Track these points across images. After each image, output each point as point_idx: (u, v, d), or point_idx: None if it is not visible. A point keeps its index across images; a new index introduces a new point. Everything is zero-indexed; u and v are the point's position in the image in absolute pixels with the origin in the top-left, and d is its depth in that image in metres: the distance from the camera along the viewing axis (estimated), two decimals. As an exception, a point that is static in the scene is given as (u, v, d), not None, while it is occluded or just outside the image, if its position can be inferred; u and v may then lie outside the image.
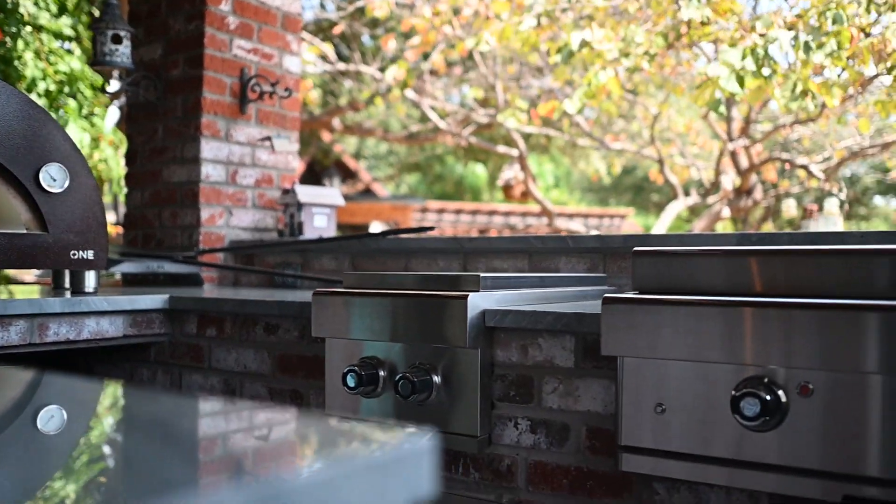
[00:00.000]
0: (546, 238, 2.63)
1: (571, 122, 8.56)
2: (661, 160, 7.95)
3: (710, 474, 1.47)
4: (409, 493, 0.51)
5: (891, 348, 1.28)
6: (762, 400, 1.37)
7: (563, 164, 19.73)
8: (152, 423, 0.63)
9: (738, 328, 1.42)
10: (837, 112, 6.49)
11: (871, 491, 1.33)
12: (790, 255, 1.50)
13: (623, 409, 1.55)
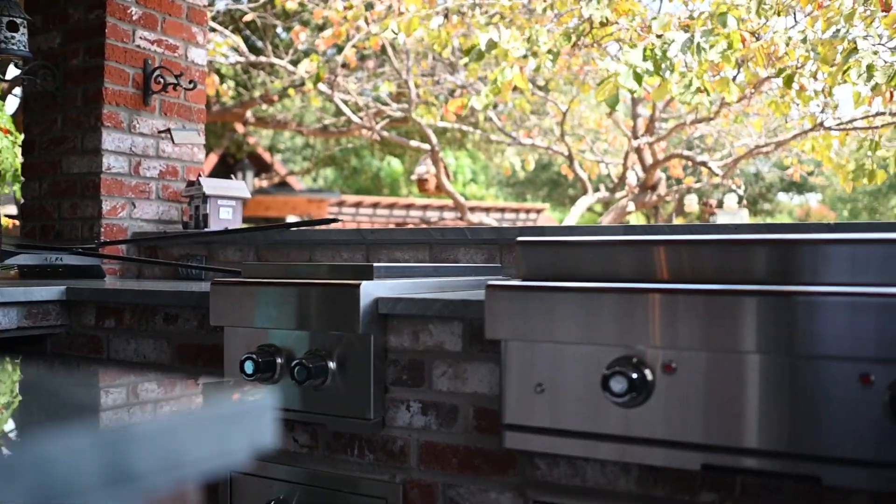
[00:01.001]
0: (445, 230, 2.73)
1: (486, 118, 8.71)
2: (571, 156, 8.17)
3: (586, 449, 1.58)
4: (251, 441, 0.58)
5: (750, 329, 1.41)
6: (629, 378, 1.48)
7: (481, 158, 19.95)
8: (23, 385, 0.68)
9: (610, 312, 1.53)
10: (736, 111, 6.81)
11: (727, 459, 1.46)
12: (664, 245, 1.62)
13: (506, 389, 1.65)
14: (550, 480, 1.67)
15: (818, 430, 1.36)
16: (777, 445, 1.40)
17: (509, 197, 25.65)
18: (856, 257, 1.41)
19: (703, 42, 3.66)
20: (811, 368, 1.37)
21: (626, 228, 2.38)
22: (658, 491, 1.56)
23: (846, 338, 1.33)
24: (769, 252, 1.50)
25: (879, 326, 1.30)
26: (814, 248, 1.46)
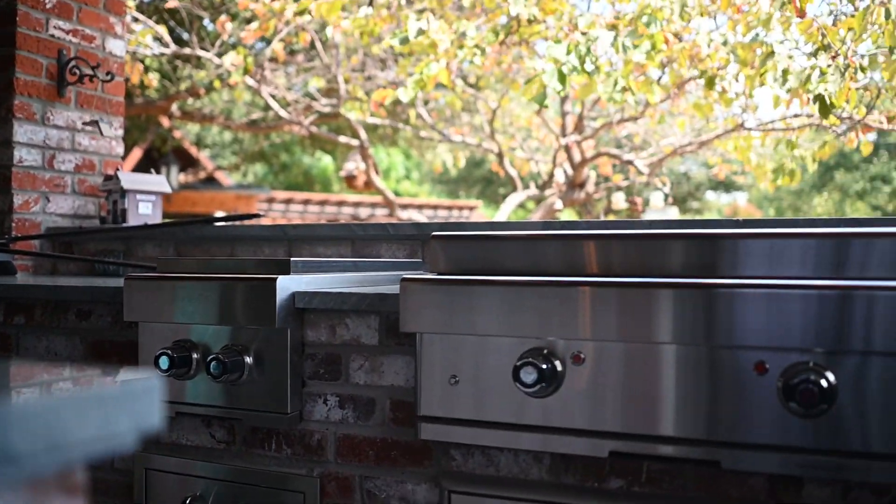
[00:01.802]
0: (367, 226, 2.75)
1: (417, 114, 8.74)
2: (501, 153, 8.27)
3: (499, 438, 1.63)
4: (136, 423, 0.59)
5: (652, 320, 1.47)
6: (539, 369, 1.53)
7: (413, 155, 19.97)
8: None
9: (522, 305, 1.57)
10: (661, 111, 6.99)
11: (633, 446, 1.52)
12: (574, 239, 1.68)
13: (422, 382, 1.68)
14: (465, 471, 1.71)
15: (717, 417, 1.43)
16: (679, 432, 1.46)
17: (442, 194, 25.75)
18: (752, 251, 1.49)
19: (628, 42, 3.76)
20: (710, 358, 1.44)
21: (533, 224, 2.44)
22: (569, 478, 1.62)
23: (742, 328, 1.40)
24: (667, 246, 1.56)
25: (772, 317, 1.38)
26: (711, 244, 1.53)
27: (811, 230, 1.58)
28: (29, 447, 0.51)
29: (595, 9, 6.94)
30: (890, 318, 1.31)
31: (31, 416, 0.52)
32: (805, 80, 3.84)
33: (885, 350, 1.33)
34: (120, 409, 0.58)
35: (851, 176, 21.14)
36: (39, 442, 0.52)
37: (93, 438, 0.56)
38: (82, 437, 0.56)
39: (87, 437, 0.56)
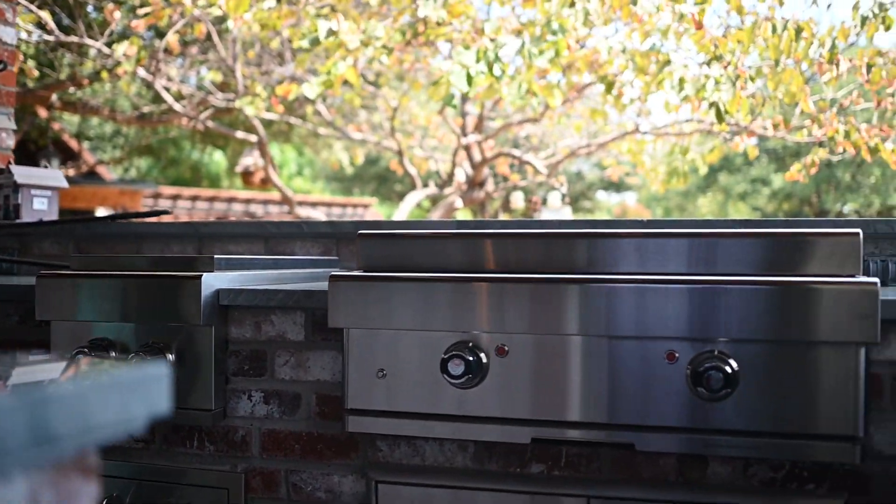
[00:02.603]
0: (281, 223, 2.78)
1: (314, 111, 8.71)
2: (401, 151, 8.35)
3: (426, 429, 1.71)
4: (148, 408, 0.65)
5: (570, 313, 1.59)
6: (466, 361, 1.63)
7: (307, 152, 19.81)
8: None
9: (447, 300, 1.67)
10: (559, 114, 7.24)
11: (553, 432, 1.64)
12: (494, 238, 1.78)
13: (349, 376, 1.75)
14: (392, 461, 1.79)
15: (631, 403, 1.57)
16: (596, 417, 1.59)
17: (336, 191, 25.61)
18: (662, 249, 1.63)
19: (534, 48, 3.92)
20: (624, 348, 1.57)
21: (458, 223, 2.55)
22: (492, 465, 1.72)
23: (654, 320, 1.54)
24: (582, 244, 1.69)
25: (681, 310, 1.52)
26: (627, 242, 1.67)
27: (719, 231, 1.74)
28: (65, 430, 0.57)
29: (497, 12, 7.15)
30: (784, 310, 1.47)
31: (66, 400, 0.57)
32: (700, 89, 4.09)
33: (781, 339, 1.49)
34: (135, 395, 0.64)
35: (734, 178, 22.30)
36: (73, 425, 0.58)
37: (114, 422, 0.62)
38: (105, 420, 0.61)
39: (109, 421, 0.62)
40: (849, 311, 1.46)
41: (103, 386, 0.62)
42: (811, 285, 1.49)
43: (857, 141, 5.33)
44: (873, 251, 2.25)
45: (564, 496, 1.65)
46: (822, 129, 5.42)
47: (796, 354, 1.50)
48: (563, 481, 1.67)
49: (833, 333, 1.47)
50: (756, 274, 1.56)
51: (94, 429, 0.60)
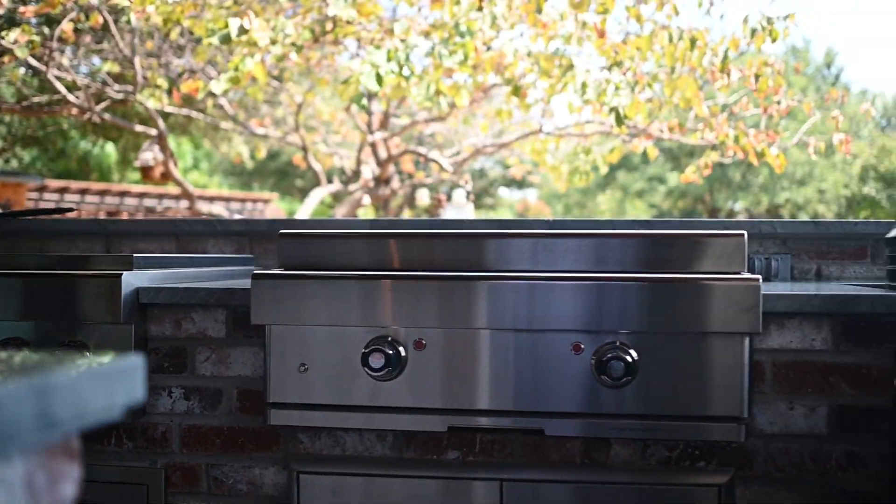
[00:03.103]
0: (193, 221, 2.82)
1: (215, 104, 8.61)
2: (305, 147, 8.36)
3: (346, 420, 1.81)
4: (127, 396, 0.73)
5: (488, 309, 1.71)
6: (386, 354, 1.73)
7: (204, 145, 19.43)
8: None
9: (367, 297, 1.76)
10: (465, 113, 7.41)
11: (469, 420, 1.76)
12: (412, 238, 1.89)
13: (271, 371, 1.83)
14: (313, 452, 1.88)
15: (540, 391, 1.70)
16: (508, 405, 1.72)
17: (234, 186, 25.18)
18: (567, 248, 1.77)
19: (444, 50, 4.05)
20: (533, 340, 1.71)
21: (371, 222, 2.64)
22: (410, 453, 1.83)
23: (560, 315, 1.68)
24: (493, 244, 1.82)
25: (585, 305, 1.67)
26: (534, 242, 1.81)
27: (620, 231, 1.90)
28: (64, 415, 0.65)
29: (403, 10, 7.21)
30: (677, 304, 1.64)
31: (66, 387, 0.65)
32: (602, 93, 4.31)
33: (675, 330, 1.65)
34: (118, 384, 0.72)
35: (632, 176, 23.11)
36: (71, 410, 0.66)
37: (101, 409, 0.70)
38: (95, 407, 0.69)
39: (98, 407, 0.70)
40: (735, 304, 1.63)
41: (94, 375, 0.70)
42: (701, 282, 1.66)
43: (746, 145, 5.70)
44: (758, 249, 2.47)
45: (478, 480, 1.78)
46: (714, 133, 5.77)
47: (689, 344, 1.67)
48: (477, 466, 1.80)
49: (721, 325, 1.65)
50: (653, 272, 1.72)
51: (87, 415, 0.68)
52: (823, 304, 1.70)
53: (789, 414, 1.73)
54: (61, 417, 0.65)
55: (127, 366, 0.74)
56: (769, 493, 1.73)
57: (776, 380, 1.74)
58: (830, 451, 1.73)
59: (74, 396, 0.66)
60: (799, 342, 1.73)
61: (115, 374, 0.73)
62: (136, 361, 0.75)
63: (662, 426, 1.67)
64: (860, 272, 2.47)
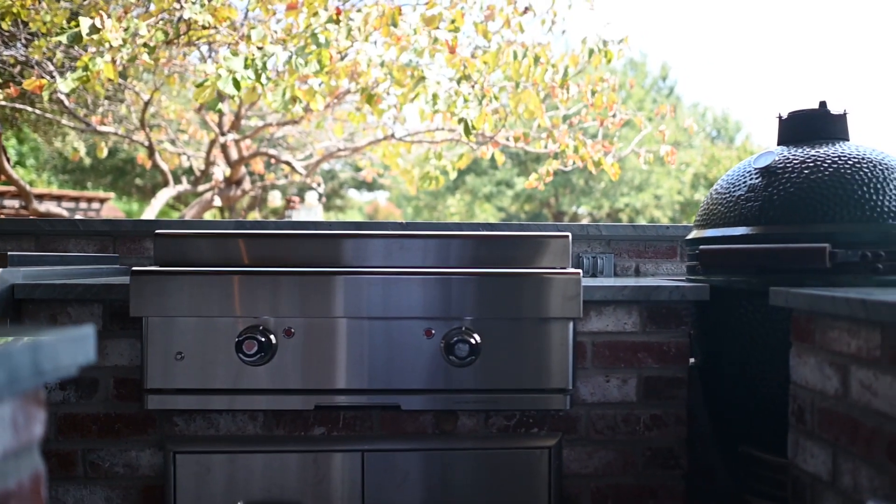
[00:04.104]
0: (55, 221, 2.91)
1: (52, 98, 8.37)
2: (152, 146, 8.28)
3: (220, 402, 2.02)
4: (84, 357, 0.95)
5: (347, 300, 1.97)
6: (259, 342, 1.96)
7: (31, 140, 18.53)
8: None
9: (240, 291, 1.98)
10: (318, 117, 7.61)
11: (333, 399, 2.01)
12: (279, 237, 2.13)
13: (148, 359, 2.01)
14: (188, 434, 2.08)
15: (397, 371, 1.98)
16: (369, 385, 1.99)
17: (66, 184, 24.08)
18: (420, 247, 2.06)
19: (300, 59, 4.25)
20: (390, 327, 1.98)
21: (237, 223, 2.84)
22: (280, 430, 2.07)
23: (414, 304, 1.96)
24: (356, 243, 2.09)
25: (435, 295, 1.96)
26: (389, 241, 2.09)
27: (466, 233, 2.21)
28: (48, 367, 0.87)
29: (256, 13, 7.21)
30: (513, 294, 1.96)
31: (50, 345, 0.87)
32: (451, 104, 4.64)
33: (511, 316, 1.97)
34: (79, 347, 0.94)
35: (481, 180, 23.87)
36: (51, 364, 0.87)
37: (65, 366, 0.92)
38: (63, 364, 0.91)
39: (64, 364, 0.92)
40: (560, 294, 1.97)
41: (66, 338, 0.92)
42: (532, 275, 1.99)
43: (585, 155, 6.22)
44: (586, 249, 2.86)
45: (342, 452, 2.04)
46: (556, 143, 6.27)
47: (523, 328, 1.99)
48: (340, 440, 2.05)
49: (549, 312, 1.98)
50: (491, 267, 2.04)
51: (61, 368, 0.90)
52: (632, 293, 2.08)
53: (606, 385, 2.10)
54: (46, 369, 0.87)
55: (85, 333, 0.96)
56: (590, 452, 2.10)
57: (595, 357, 2.10)
58: (639, 415, 2.11)
59: (54, 354, 0.88)
60: (614, 325, 2.10)
61: (79, 339, 0.95)
62: (89, 331, 0.97)
63: (502, 399, 1.99)
64: (671, 269, 2.91)
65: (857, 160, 2.03)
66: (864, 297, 1.49)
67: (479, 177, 23.87)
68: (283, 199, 9.60)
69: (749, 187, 2.11)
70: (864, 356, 1.50)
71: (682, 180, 23.24)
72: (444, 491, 2.04)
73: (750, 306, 2.01)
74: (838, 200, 1.96)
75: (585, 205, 23.80)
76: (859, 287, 1.85)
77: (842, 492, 1.58)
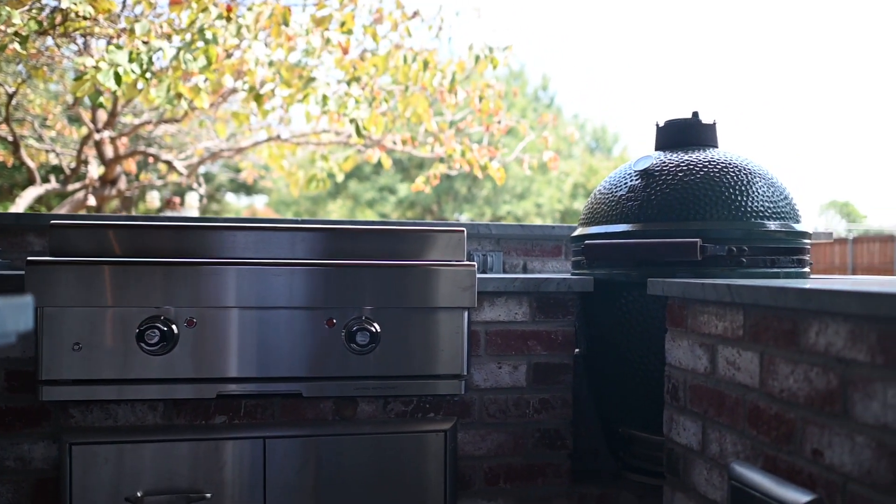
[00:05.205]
0: (-68, 214, 2.85)
1: None
2: (17, 142, 7.99)
3: (118, 392, 2.05)
4: (24, 325, 1.02)
5: (255, 291, 2.05)
6: (161, 331, 2.01)
7: None
8: None
9: (139, 281, 2.04)
10: (199, 116, 7.53)
11: (235, 387, 2.09)
12: (175, 229, 2.18)
13: (43, 350, 2.03)
14: (85, 425, 2.10)
15: (300, 360, 2.08)
16: (271, 373, 2.07)
17: None
18: (324, 240, 2.17)
19: (189, 56, 4.25)
20: (294, 317, 2.08)
21: (129, 217, 2.86)
22: (181, 420, 2.12)
23: (317, 294, 2.07)
24: (260, 235, 2.18)
25: (337, 285, 2.07)
26: (292, 234, 2.18)
27: (366, 227, 2.32)
28: None
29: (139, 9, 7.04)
30: (411, 285, 2.09)
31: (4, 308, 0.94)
32: (342, 105, 4.74)
33: (410, 306, 2.10)
34: (20, 315, 1.02)
35: (363, 186, 23.94)
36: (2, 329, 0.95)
37: (9, 332, 0.99)
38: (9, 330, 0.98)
39: (9, 330, 0.99)
40: (456, 285, 2.12)
41: (9, 305, 0.99)
42: (430, 267, 2.13)
43: (471, 159, 6.44)
44: (477, 247, 3.02)
45: (244, 439, 2.12)
46: (442, 147, 6.46)
47: (421, 317, 2.12)
48: (242, 427, 2.13)
49: (446, 302, 2.12)
50: (392, 259, 2.17)
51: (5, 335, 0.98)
52: (523, 285, 2.25)
53: (498, 371, 2.26)
54: (8, 330, 0.94)
55: (25, 301, 1.04)
56: (483, 434, 2.25)
57: (488, 345, 2.26)
58: (528, 399, 2.28)
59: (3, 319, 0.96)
60: (506, 315, 2.27)
61: (21, 307, 1.02)
62: (28, 299, 1.05)
63: (400, 384, 2.12)
64: (557, 266, 3.11)
65: (725, 165, 2.26)
66: (729, 283, 1.70)
67: (362, 182, 23.94)
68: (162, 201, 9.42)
69: (629, 188, 2.31)
70: (730, 336, 1.71)
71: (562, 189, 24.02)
72: (344, 475, 2.15)
73: (630, 297, 2.21)
74: (708, 200, 2.18)
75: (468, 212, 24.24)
76: (726, 278, 2.08)
77: (710, 458, 1.79)
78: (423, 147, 6.80)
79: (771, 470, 1.55)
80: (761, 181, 2.25)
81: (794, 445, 1.48)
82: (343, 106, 4.79)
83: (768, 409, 1.57)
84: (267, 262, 2.08)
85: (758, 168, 2.29)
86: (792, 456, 1.49)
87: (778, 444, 1.53)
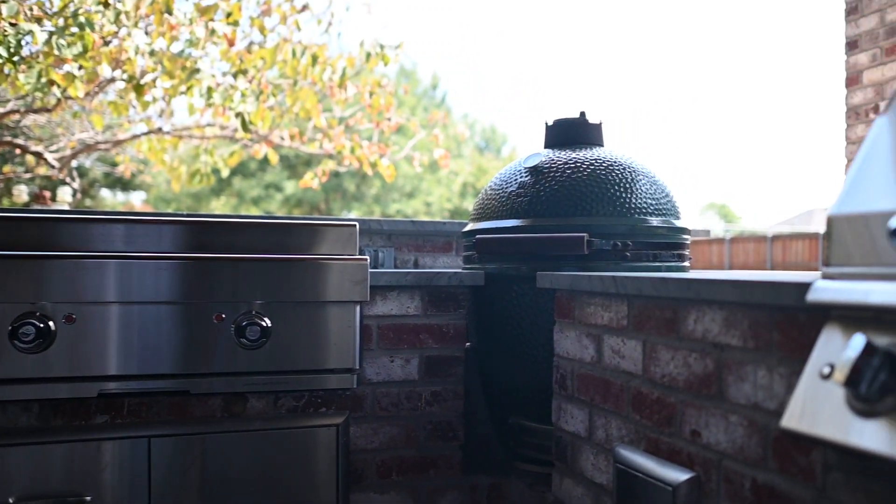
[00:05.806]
0: None
1: None
2: None
3: (-11, 396, 1.99)
4: None
5: (138, 285, 2.01)
6: (37, 328, 1.95)
7: None
8: None
9: (11, 276, 1.97)
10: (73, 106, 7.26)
11: (118, 385, 2.05)
12: (49, 221, 2.12)
13: None
14: (-46, 428, 2.02)
15: (187, 356, 2.05)
16: (156, 370, 2.04)
17: None
18: (213, 233, 2.15)
19: (62, 41, 4.10)
20: (180, 312, 2.05)
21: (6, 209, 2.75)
22: (58, 420, 2.06)
23: (204, 289, 2.05)
24: (144, 229, 2.14)
25: (225, 281, 2.06)
26: (179, 227, 2.15)
27: (258, 221, 2.31)
28: None
29: None
30: (302, 279, 2.10)
31: None
32: (228, 98, 4.66)
33: (301, 300, 2.11)
34: None
35: (248, 183, 23.52)
36: None
37: None
38: None
39: None
40: (348, 279, 2.14)
41: None
42: (321, 261, 2.14)
43: (361, 156, 6.44)
44: (368, 243, 3.05)
45: (127, 439, 2.08)
46: (332, 143, 6.44)
47: (313, 311, 2.13)
48: (125, 427, 2.09)
49: (338, 296, 2.14)
50: (282, 253, 2.17)
51: None
52: (415, 279, 2.29)
53: (391, 365, 2.30)
54: None
55: None
56: (375, 428, 2.28)
57: (380, 338, 2.29)
58: (421, 391, 2.32)
59: None
60: (398, 309, 2.30)
61: None
62: None
63: (291, 379, 2.12)
64: (448, 262, 3.16)
65: (611, 163, 2.36)
66: (615, 275, 1.78)
67: (247, 179, 23.53)
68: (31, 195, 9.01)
69: (519, 184, 2.38)
70: (615, 325, 1.80)
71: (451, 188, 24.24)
72: (233, 473, 2.13)
73: (519, 290, 2.28)
74: (595, 197, 2.27)
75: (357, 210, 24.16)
76: (611, 271, 2.18)
77: (596, 443, 1.87)
78: (311, 143, 6.76)
79: (653, 452, 1.64)
80: (644, 179, 2.36)
81: (675, 427, 1.57)
82: (229, 99, 4.72)
83: (650, 394, 1.65)
84: (151, 255, 2.05)
85: (641, 167, 2.40)
86: (672, 437, 1.58)
87: (660, 427, 1.62)
